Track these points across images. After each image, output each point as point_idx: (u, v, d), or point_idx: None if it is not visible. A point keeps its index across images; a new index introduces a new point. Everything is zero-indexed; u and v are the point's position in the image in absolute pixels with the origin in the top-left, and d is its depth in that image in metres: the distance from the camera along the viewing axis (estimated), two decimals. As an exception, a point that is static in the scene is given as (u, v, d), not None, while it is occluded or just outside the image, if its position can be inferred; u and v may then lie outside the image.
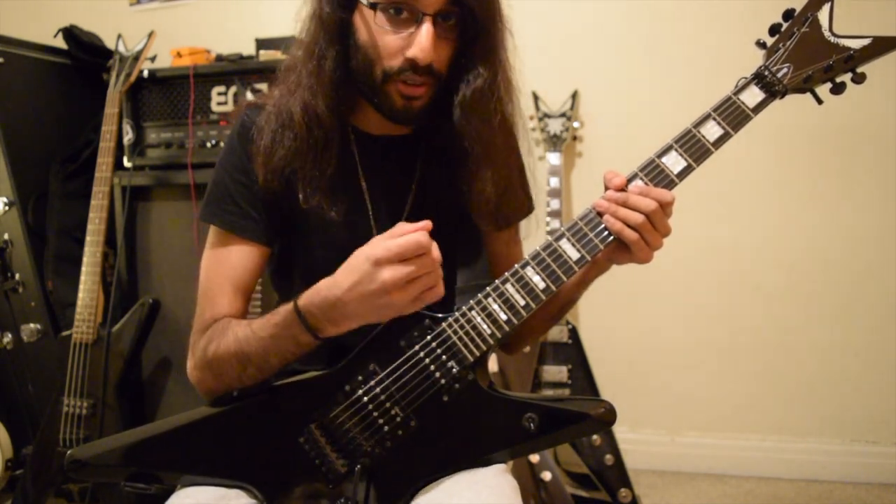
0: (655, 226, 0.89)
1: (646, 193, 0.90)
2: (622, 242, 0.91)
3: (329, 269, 0.98)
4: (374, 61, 0.94)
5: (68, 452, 0.98)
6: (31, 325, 2.16)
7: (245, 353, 0.95)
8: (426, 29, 0.90)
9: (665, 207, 0.90)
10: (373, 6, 0.91)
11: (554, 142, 2.26)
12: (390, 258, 0.83)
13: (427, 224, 0.85)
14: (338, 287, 0.87)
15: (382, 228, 1.01)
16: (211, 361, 0.98)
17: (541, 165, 2.24)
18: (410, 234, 0.83)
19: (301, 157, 0.98)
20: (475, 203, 1.03)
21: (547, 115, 2.30)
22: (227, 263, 1.01)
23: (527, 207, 1.14)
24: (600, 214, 0.92)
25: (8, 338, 2.20)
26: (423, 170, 1.05)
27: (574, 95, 2.31)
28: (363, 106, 1.03)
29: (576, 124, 2.30)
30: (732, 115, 0.92)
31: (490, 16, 0.95)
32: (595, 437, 1.97)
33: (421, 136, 1.06)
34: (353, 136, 1.04)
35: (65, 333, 2.00)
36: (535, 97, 2.31)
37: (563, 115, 2.29)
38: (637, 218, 0.89)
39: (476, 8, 0.92)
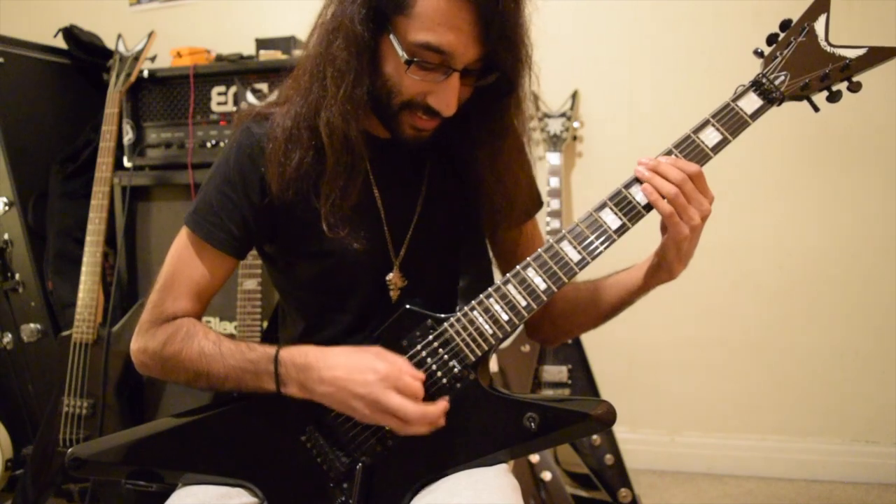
0: (688, 198, 0.89)
1: (674, 164, 0.90)
2: (663, 226, 0.92)
3: (340, 274, 1.01)
4: (394, 93, 0.92)
5: (70, 450, 0.98)
6: (31, 325, 2.16)
7: (204, 370, 0.97)
8: (453, 85, 0.89)
9: (695, 180, 0.90)
10: (408, 62, 0.88)
11: (554, 142, 2.27)
12: (395, 385, 0.88)
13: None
14: (328, 367, 0.91)
15: (395, 234, 1.03)
16: (166, 359, 0.99)
17: (541, 165, 2.24)
18: (417, 386, 0.89)
19: (327, 183, 0.96)
20: (484, 216, 1.03)
21: (547, 115, 2.30)
22: (197, 268, 1.02)
23: (535, 206, 1.15)
24: (636, 178, 0.92)
25: (8, 338, 2.20)
26: (431, 168, 1.05)
27: (574, 95, 2.32)
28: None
29: (576, 124, 2.31)
30: (731, 122, 0.93)
31: (522, 72, 0.94)
32: (595, 437, 1.97)
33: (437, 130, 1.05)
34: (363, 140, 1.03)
35: (65, 333, 2.00)
36: (535, 97, 2.31)
37: (563, 115, 2.29)
38: (669, 189, 0.89)
39: (508, 71, 0.92)
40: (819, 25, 0.93)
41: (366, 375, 0.89)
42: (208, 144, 2.14)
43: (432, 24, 0.85)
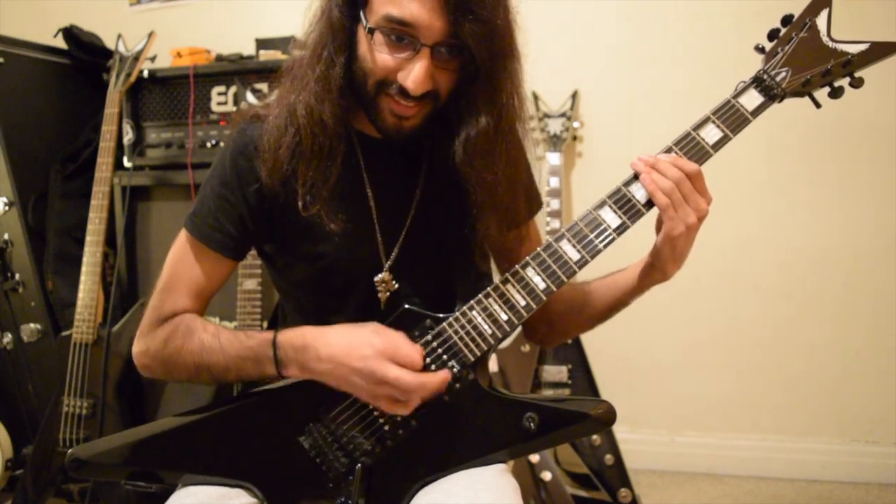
0: (684, 197, 0.89)
1: (673, 163, 0.90)
2: (658, 224, 0.92)
3: (333, 275, 1.01)
4: (369, 74, 0.92)
5: (69, 451, 0.98)
6: (31, 325, 2.16)
7: (205, 362, 0.97)
8: (421, 61, 0.88)
9: (693, 180, 0.90)
10: (370, 31, 0.89)
11: (554, 142, 2.26)
12: (392, 357, 0.88)
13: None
14: (326, 345, 0.91)
15: (387, 237, 1.02)
16: (168, 357, 1.00)
17: (541, 165, 2.24)
18: (415, 356, 0.90)
19: (304, 161, 0.97)
20: (479, 218, 1.01)
21: (547, 115, 2.30)
22: (196, 269, 1.03)
23: (534, 206, 1.14)
24: (635, 175, 0.92)
25: (8, 338, 2.20)
26: (427, 174, 1.05)
27: (574, 95, 2.31)
28: None
29: (576, 124, 2.30)
30: (732, 119, 0.93)
31: (494, 57, 0.91)
32: (595, 437, 1.97)
33: (426, 138, 1.04)
34: (357, 140, 1.03)
35: (65, 333, 2.00)
36: (535, 97, 2.31)
37: (563, 115, 2.29)
38: (665, 183, 0.89)
39: (475, 49, 0.88)
40: (821, 20, 0.92)
41: (362, 350, 0.89)
42: (208, 144, 2.14)
43: None
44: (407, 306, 0.97)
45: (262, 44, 2.22)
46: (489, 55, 0.90)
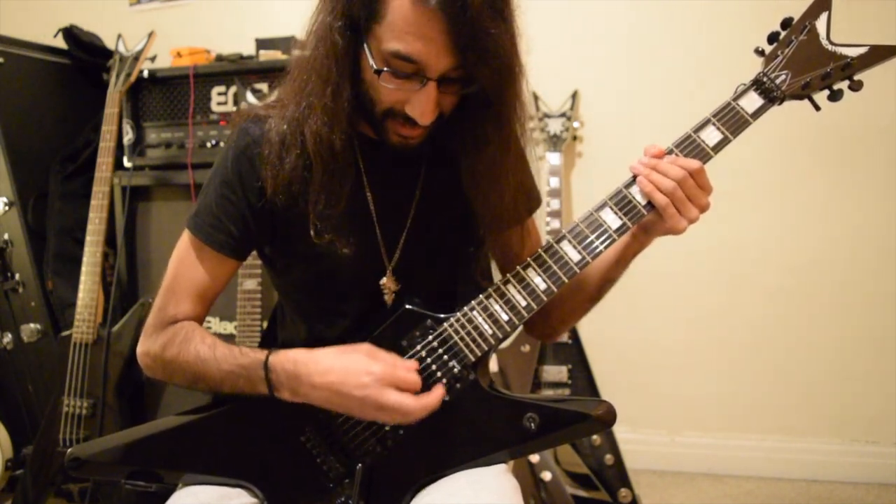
0: (687, 195, 0.90)
1: (674, 162, 0.91)
2: (656, 212, 0.92)
3: (334, 278, 1.01)
4: (375, 102, 0.92)
5: (69, 450, 0.98)
6: (31, 325, 2.16)
7: (200, 373, 0.97)
8: (429, 94, 0.87)
9: (695, 177, 0.91)
10: (377, 72, 0.87)
11: (554, 142, 2.26)
12: (392, 383, 0.88)
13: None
14: (320, 373, 0.91)
15: (388, 239, 1.02)
16: (167, 363, 1.00)
17: (541, 165, 2.24)
18: (415, 378, 0.90)
19: (314, 188, 0.96)
20: (478, 220, 1.01)
21: (547, 115, 2.30)
22: (198, 270, 1.03)
23: (534, 204, 1.14)
24: (635, 177, 0.93)
25: (8, 338, 2.20)
26: (427, 173, 1.04)
27: (574, 95, 2.31)
28: None
29: (576, 124, 2.30)
30: (732, 121, 0.93)
31: (502, 85, 0.90)
32: (595, 437, 1.97)
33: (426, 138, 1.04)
34: (357, 143, 1.02)
35: (65, 333, 2.00)
36: (535, 97, 2.31)
37: (563, 115, 2.29)
38: (667, 184, 0.90)
39: (485, 83, 0.88)
40: (820, 24, 0.93)
41: (361, 378, 0.88)
42: (208, 144, 2.14)
43: (402, 32, 0.84)
44: (408, 306, 0.97)
45: (262, 44, 2.22)
46: (497, 85, 0.90)
